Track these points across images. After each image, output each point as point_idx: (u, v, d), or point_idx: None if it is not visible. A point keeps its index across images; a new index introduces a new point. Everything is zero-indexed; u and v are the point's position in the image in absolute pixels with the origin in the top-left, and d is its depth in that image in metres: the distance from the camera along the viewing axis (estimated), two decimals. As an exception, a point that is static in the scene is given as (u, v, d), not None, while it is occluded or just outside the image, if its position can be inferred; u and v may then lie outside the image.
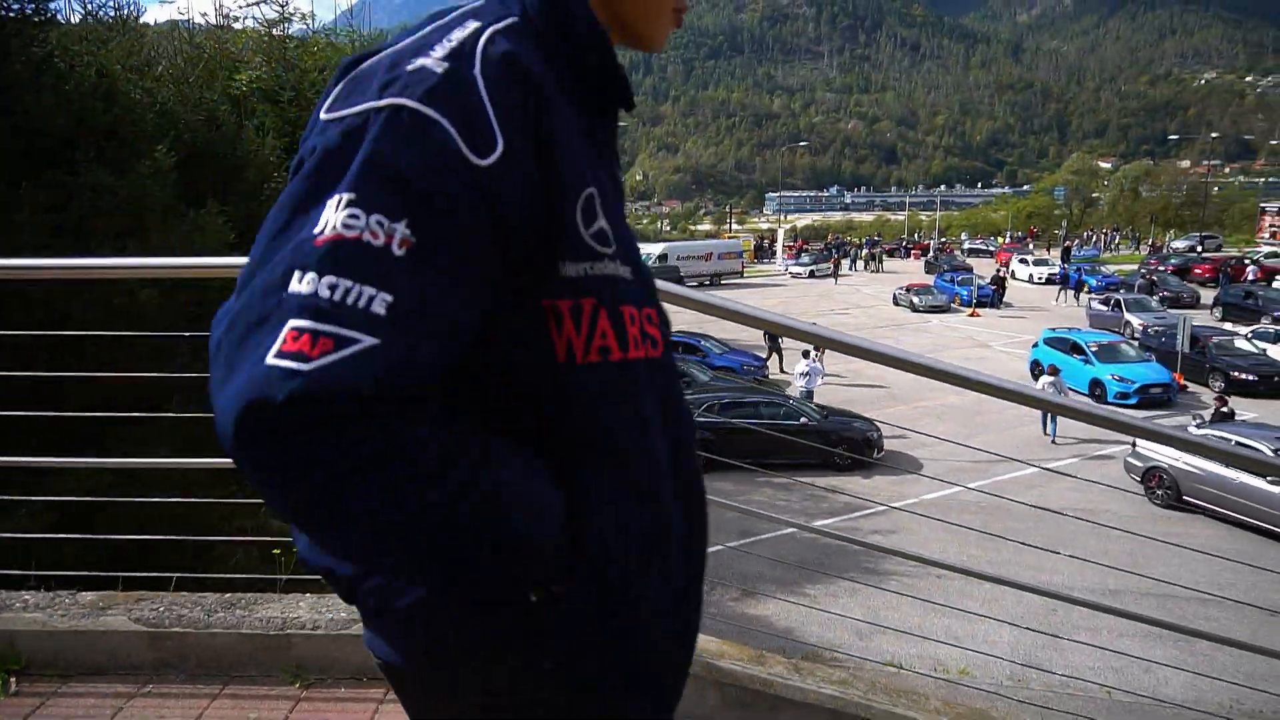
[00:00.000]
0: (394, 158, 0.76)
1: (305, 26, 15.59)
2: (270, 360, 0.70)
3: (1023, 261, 45.89)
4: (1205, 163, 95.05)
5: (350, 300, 0.72)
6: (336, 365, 0.70)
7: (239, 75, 11.07)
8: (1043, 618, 10.35)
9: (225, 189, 7.94)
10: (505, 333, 0.85)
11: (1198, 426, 14.20)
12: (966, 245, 65.05)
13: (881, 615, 10.00)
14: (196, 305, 6.25)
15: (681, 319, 35.50)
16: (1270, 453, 12.34)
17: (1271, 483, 12.06)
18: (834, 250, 56.26)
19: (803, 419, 15.71)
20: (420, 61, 0.81)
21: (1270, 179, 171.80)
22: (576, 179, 0.87)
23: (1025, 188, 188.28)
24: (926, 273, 45.51)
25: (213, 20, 11.68)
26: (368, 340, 0.71)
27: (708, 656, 2.16)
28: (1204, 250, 51.54)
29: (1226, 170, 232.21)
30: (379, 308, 0.72)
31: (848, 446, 15.45)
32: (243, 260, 0.81)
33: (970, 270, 42.08)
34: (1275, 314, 27.62)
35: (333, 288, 0.72)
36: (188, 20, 12.60)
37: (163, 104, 7.42)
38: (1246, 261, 42.90)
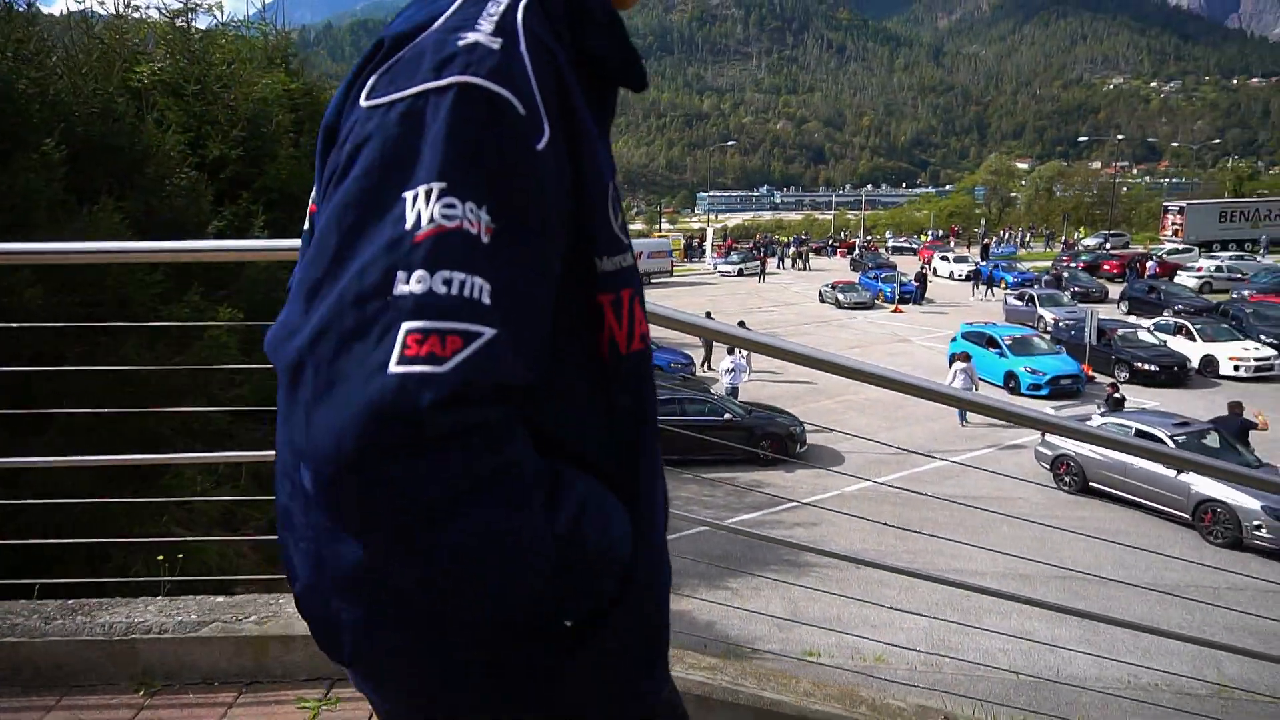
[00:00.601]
0: (477, 139, 0.71)
1: (213, 18, 15.07)
2: (396, 369, 0.65)
3: (944, 259, 47.18)
4: (1114, 164, 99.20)
5: (468, 292, 0.68)
6: (472, 360, 0.67)
7: (140, 67, 10.67)
8: (957, 603, 10.64)
9: (124, 184, 7.63)
10: (557, 332, 0.81)
11: (1101, 415, 14.80)
12: (891, 243, 66.62)
13: (801, 607, 10.17)
14: (90, 305, 6.00)
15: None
16: (1168, 438, 12.97)
17: (1169, 469, 12.64)
18: (761, 249, 56.98)
19: (726, 415, 15.86)
20: (473, 37, 0.75)
21: (1174, 180, 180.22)
22: (602, 170, 0.85)
23: (948, 187, 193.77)
24: (852, 270, 46.47)
25: (112, 10, 11.21)
26: (488, 331, 0.68)
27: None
28: (1111, 247, 53.77)
29: (1134, 171, 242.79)
30: (486, 297, 0.69)
31: (771, 442, 15.65)
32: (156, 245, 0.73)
33: (894, 268, 43.08)
34: (1176, 307, 28.96)
35: (448, 282, 0.68)
36: (87, 10, 12.08)
37: (54, 95, 7.10)
38: (1154, 258, 44.94)
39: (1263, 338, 23.56)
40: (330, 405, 0.66)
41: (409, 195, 0.69)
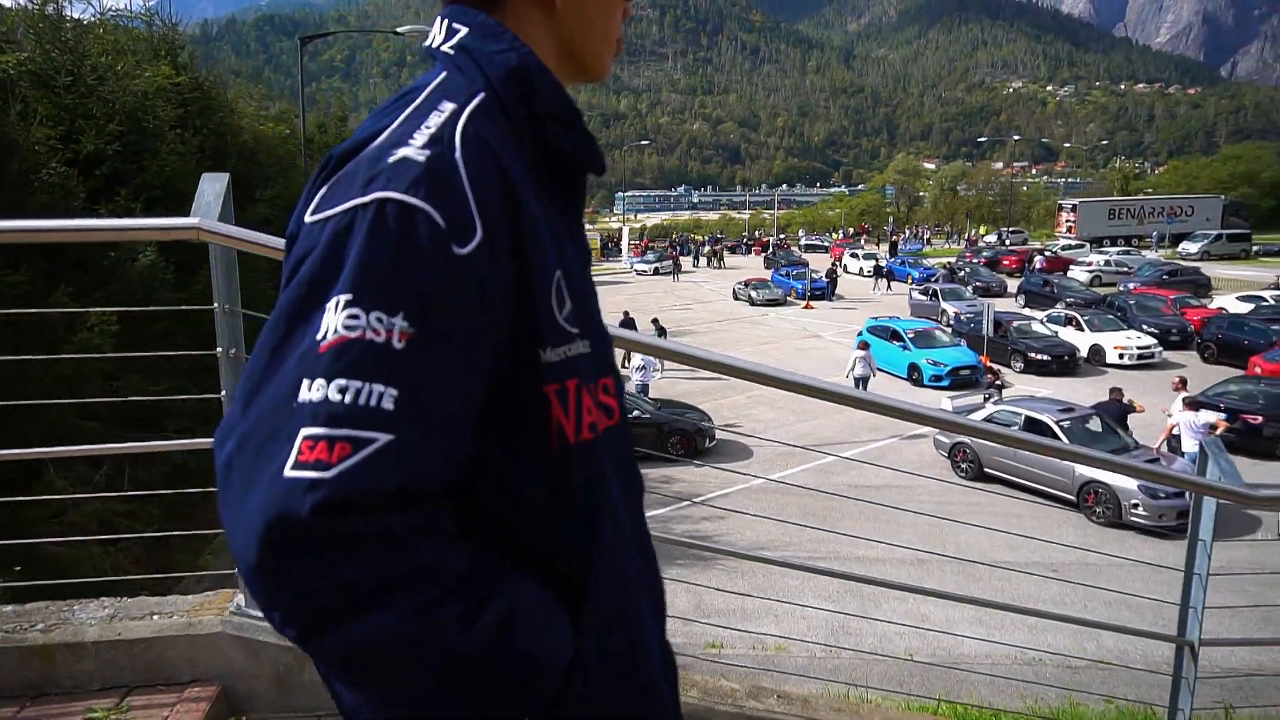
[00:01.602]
0: (386, 252, 0.75)
1: (90, 8, 14.31)
2: (289, 473, 0.69)
3: (853, 256, 48.37)
4: (1013, 165, 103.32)
5: (362, 400, 0.72)
6: (358, 467, 0.70)
7: (3, 56, 10.08)
8: (857, 590, 10.90)
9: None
10: (499, 426, 0.84)
11: (994, 404, 15.36)
12: (804, 241, 67.98)
13: (706, 601, 10.25)
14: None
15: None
16: (1054, 424, 13.55)
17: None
18: (676, 248, 57.40)
19: (634, 413, 15.89)
20: (402, 152, 0.80)
21: (1069, 179, 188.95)
22: (547, 264, 0.87)
23: (860, 187, 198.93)
24: (766, 268, 47.21)
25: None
26: (383, 437, 0.71)
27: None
28: (1010, 243, 56.05)
29: (1033, 171, 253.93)
30: (388, 403, 0.72)
31: (680, 437, 15.75)
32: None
33: (806, 265, 43.97)
34: (1068, 300, 30.34)
35: (343, 390, 0.72)
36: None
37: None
38: (1048, 254, 47.03)
39: (1144, 327, 24.87)
40: (245, 505, 0.71)
41: (328, 305, 0.74)
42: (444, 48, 0.95)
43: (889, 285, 39.77)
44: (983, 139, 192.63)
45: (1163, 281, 34.79)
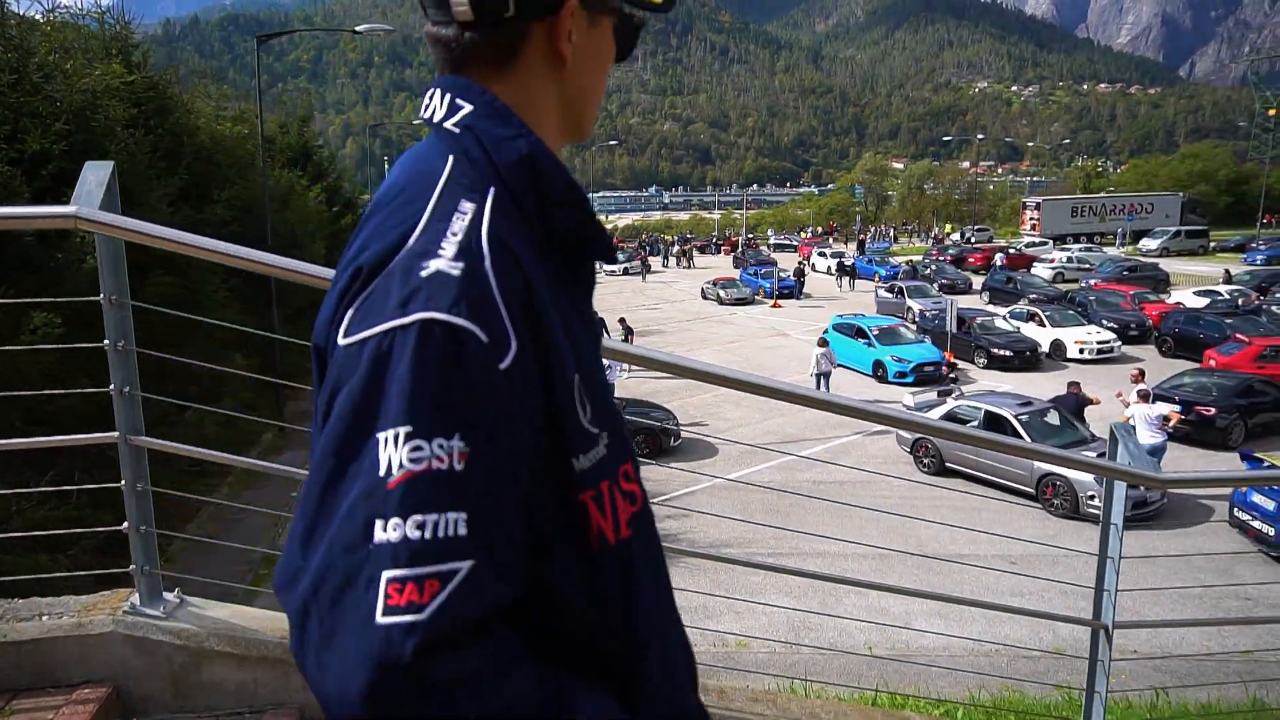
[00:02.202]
0: (437, 376, 0.74)
1: (37, 4, 14.02)
2: (380, 620, 0.69)
3: (821, 255, 48.68)
4: (980, 164, 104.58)
5: (440, 532, 0.71)
6: (450, 600, 0.70)
7: (-61, 53, 9.83)
8: (818, 585, 10.94)
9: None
10: (542, 536, 0.84)
11: (955, 399, 15.49)
12: (773, 241, 68.28)
13: (668, 596, 10.24)
14: None
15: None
16: (1013, 418, 13.70)
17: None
18: (645, 248, 57.44)
19: (601, 411, 15.85)
20: (434, 265, 0.78)
21: (1034, 178, 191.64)
22: (567, 370, 0.85)
23: (829, 186, 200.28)
24: (735, 267, 47.35)
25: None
26: (465, 565, 0.71)
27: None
28: (975, 241, 56.72)
29: (999, 170, 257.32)
30: (462, 529, 0.72)
31: (644, 436, 15.73)
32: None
33: (774, 264, 44.19)
34: (1031, 296, 30.76)
35: (420, 526, 0.71)
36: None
37: None
38: (1012, 251, 47.67)
39: (1104, 322, 25.28)
40: (333, 653, 0.71)
41: (381, 438, 0.73)
42: (448, 124, 0.92)
43: (852, 283, 40.29)
44: (948, 138, 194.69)
45: (1123, 277, 35.40)
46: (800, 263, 43.30)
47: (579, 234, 0.93)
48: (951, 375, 18.36)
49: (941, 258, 46.71)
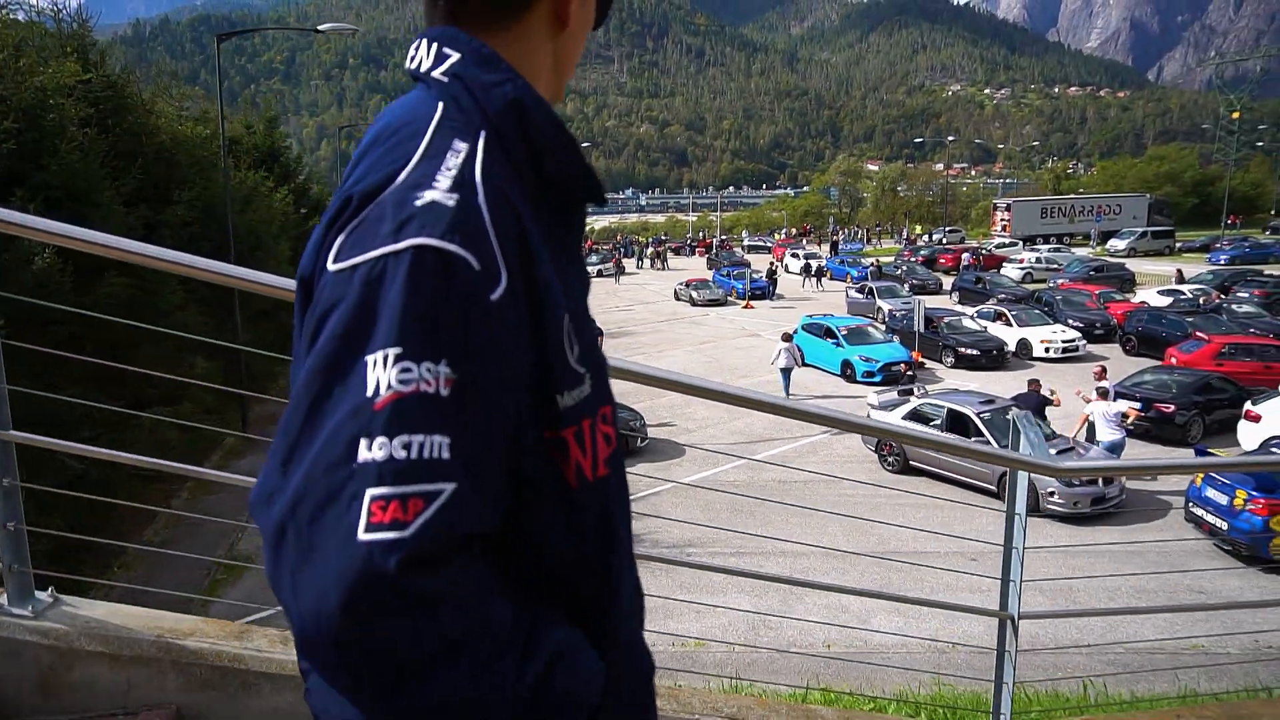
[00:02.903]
0: (429, 301, 0.75)
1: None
2: (364, 536, 0.69)
3: (794, 256, 48.88)
4: (953, 166, 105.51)
5: (425, 453, 0.72)
6: (433, 519, 0.71)
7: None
8: (779, 585, 10.96)
9: None
10: (525, 470, 0.85)
11: (920, 397, 15.58)
12: (746, 242, 68.51)
13: (628, 597, 10.20)
14: None
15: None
16: (975, 416, 13.81)
17: (975, 444, 13.45)
18: (619, 249, 57.43)
19: (567, 412, 15.80)
20: (429, 195, 0.79)
21: (1007, 180, 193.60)
22: (557, 309, 0.87)
23: (805, 188, 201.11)
24: (709, 269, 47.45)
25: None
26: (449, 486, 0.72)
27: (171, 636, 2.00)
28: (947, 242, 57.24)
29: (972, 172, 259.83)
30: (446, 453, 0.73)
31: (612, 436, 15.69)
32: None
33: (748, 265, 44.33)
34: (1000, 296, 31.06)
35: (406, 446, 0.72)
36: None
37: None
38: (984, 252, 48.14)
39: (1070, 322, 25.57)
40: (310, 572, 0.70)
41: (369, 360, 0.73)
42: (435, 74, 0.92)
43: (819, 283, 40.93)
44: (920, 139, 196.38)
45: (1089, 277, 35.86)
46: (772, 264, 43.42)
47: (569, 178, 0.94)
48: (909, 373, 18.65)
49: (913, 258, 47.08)
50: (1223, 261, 44.75)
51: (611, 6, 1.12)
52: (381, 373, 0.73)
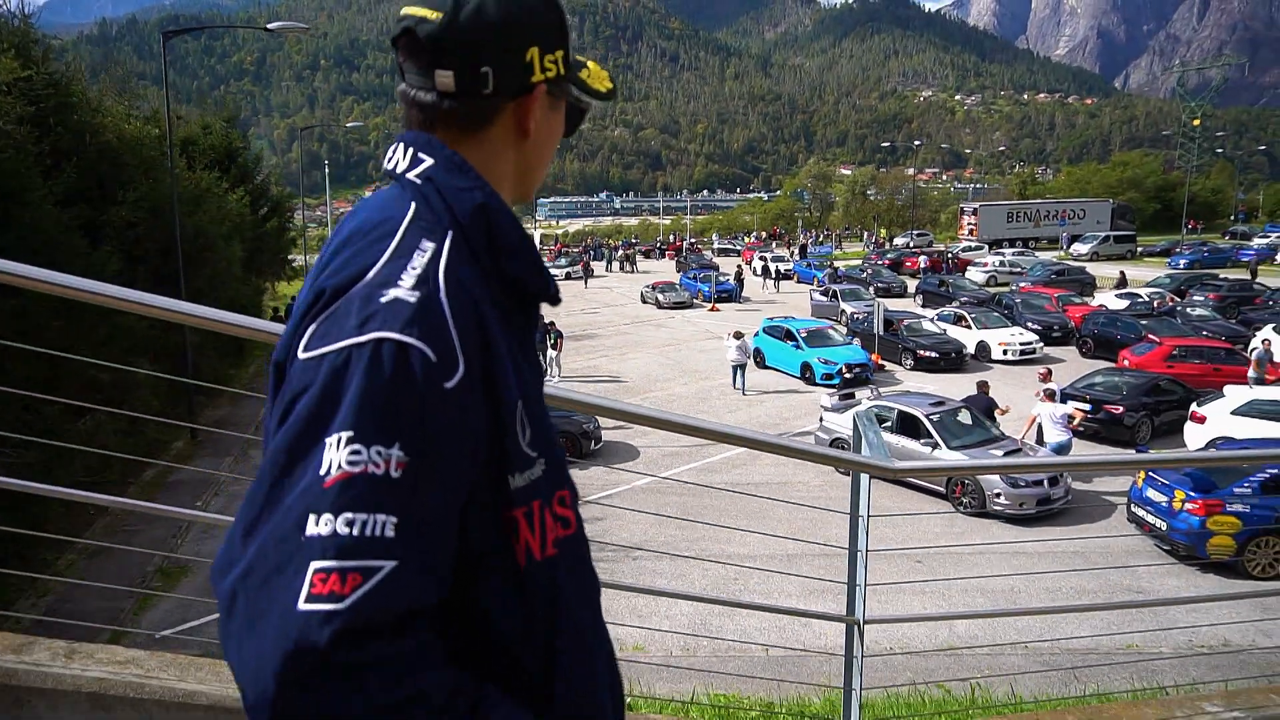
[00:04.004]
0: (384, 390, 0.81)
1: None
2: (303, 607, 0.74)
3: (762, 259, 49.01)
4: (924, 170, 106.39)
5: (368, 531, 0.77)
6: (370, 593, 0.75)
7: None
8: (722, 586, 10.92)
9: None
10: (473, 547, 0.90)
11: (872, 398, 15.61)
12: (716, 245, 68.63)
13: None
14: None
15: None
16: (924, 417, 13.84)
17: (924, 445, 13.51)
18: (587, 252, 57.30)
19: (519, 415, 15.69)
20: (393, 293, 0.86)
21: (976, 185, 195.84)
22: (511, 394, 0.93)
23: (778, 192, 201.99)
24: (677, 271, 47.44)
25: None
26: (389, 564, 0.77)
27: (-70, 653, 1.88)
28: (914, 246, 57.72)
29: (944, 177, 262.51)
30: (390, 531, 0.78)
31: (565, 439, 15.58)
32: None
33: (716, 268, 44.38)
34: (962, 299, 31.30)
35: (350, 523, 0.77)
36: None
37: None
38: (951, 255, 48.61)
39: (1029, 324, 25.82)
40: (253, 638, 0.75)
41: (327, 441, 0.79)
42: (410, 176, 1.00)
43: (777, 284, 41.74)
44: (886, 143, 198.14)
45: (1051, 281, 36.25)
46: (739, 266, 43.52)
47: (526, 280, 1.01)
48: (849, 375, 19.08)
49: (880, 261, 47.38)
50: (1182, 266, 45.47)
51: (584, 117, 1.19)
52: (334, 454, 0.79)
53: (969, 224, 61.71)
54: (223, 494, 15.14)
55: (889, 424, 14.24)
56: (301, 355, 0.86)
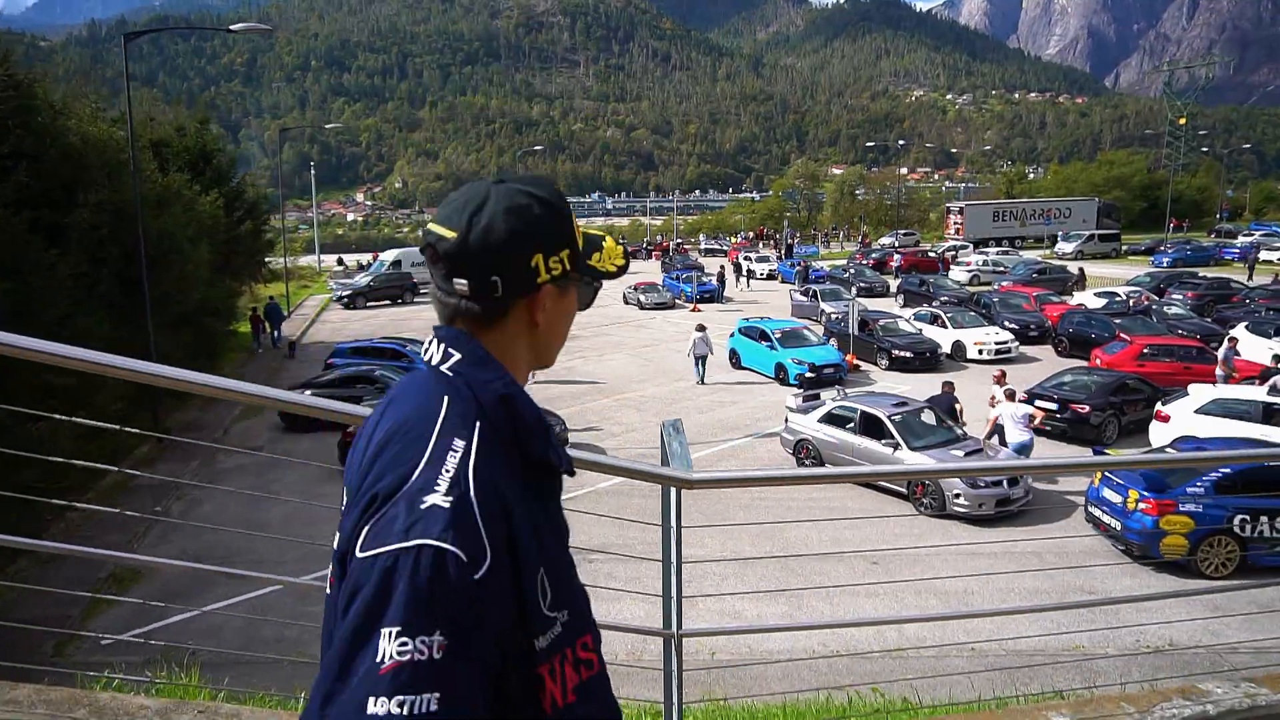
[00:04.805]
0: (426, 589, 0.98)
1: None
2: None
3: (746, 259, 49.01)
4: (916, 170, 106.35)
5: (417, 709, 0.95)
6: None
7: None
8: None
9: None
10: (505, 704, 1.07)
11: (837, 399, 15.55)
12: (703, 245, 68.56)
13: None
14: None
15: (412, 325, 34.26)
16: (886, 418, 13.81)
17: (885, 445, 13.47)
18: (573, 253, 57.04)
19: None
20: (431, 499, 1.04)
21: (968, 184, 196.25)
22: (533, 567, 1.09)
23: (770, 192, 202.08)
24: (663, 272, 47.39)
25: None
26: None
27: None
28: (899, 245, 57.75)
29: (935, 176, 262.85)
30: (434, 705, 0.95)
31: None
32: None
33: (701, 269, 44.34)
34: (942, 299, 31.32)
35: (401, 704, 0.95)
36: None
37: None
38: (933, 254, 48.68)
39: (1006, 324, 25.85)
40: None
41: (382, 633, 0.97)
42: (443, 368, 1.20)
43: (749, 282, 42.68)
44: (871, 143, 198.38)
45: (1032, 280, 36.32)
46: (721, 267, 43.50)
47: (546, 457, 1.19)
48: (810, 375, 19.38)
49: (864, 261, 47.40)
50: (1165, 264, 45.63)
51: (598, 291, 1.38)
52: (387, 645, 0.96)
53: (955, 223, 61.85)
54: (183, 499, 15.04)
55: (852, 425, 14.21)
56: (359, 554, 1.04)
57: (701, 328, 22.26)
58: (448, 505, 1.03)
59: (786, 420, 15.48)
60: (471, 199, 1.21)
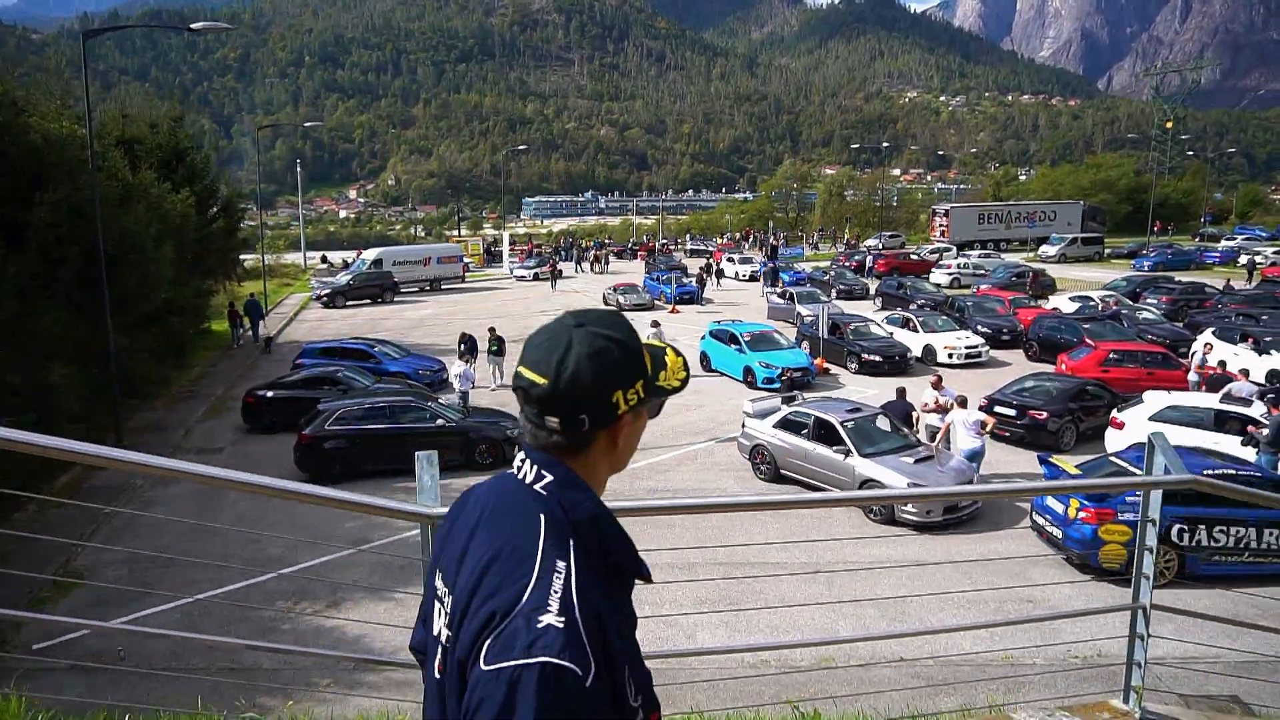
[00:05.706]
0: (548, 700, 1.14)
1: None
2: None
3: (730, 260, 49.03)
4: (909, 171, 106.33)
5: None
6: None
7: None
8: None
9: None
10: None
11: (793, 404, 15.53)
12: (689, 246, 68.52)
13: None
14: None
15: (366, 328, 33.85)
16: (839, 424, 13.80)
17: (837, 452, 13.47)
18: (555, 252, 57.13)
19: (439, 421, 15.59)
20: (546, 620, 1.19)
21: (960, 185, 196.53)
22: (621, 662, 1.26)
23: (761, 192, 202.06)
24: (647, 272, 47.35)
25: None
26: None
27: None
28: (884, 247, 57.84)
29: (928, 178, 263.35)
30: None
31: (487, 445, 15.51)
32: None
33: (684, 270, 44.32)
34: (919, 302, 31.35)
35: None
36: None
37: None
38: (914, 257, 48.74)
39: (979, 327, 25.89)
40: None
41: None
42: (537, 487, 1.36)
43: (718, 281, 43.25)
44: (862, 145, 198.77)
45: (1011, 283, 36.39)
46: (700, 268, 43.49)
47: (625, 565, 1.37)
48: (774, 383, 19.80)
49: (847, 263, 47.43)
50: (1146, 268, 45.77)
51: (663, 406, 1.55)
52: None
53: (940, 225, 61.92)
54: (136, 500, 14.97)
55: (806, 430, 14.21)
56: (484, 666, 1.19)
57: (656, 323, 22.88)
58: (561, 625, 1.19)
59: (744, 425, 15.48)
60: (556, 345, 1.34)
